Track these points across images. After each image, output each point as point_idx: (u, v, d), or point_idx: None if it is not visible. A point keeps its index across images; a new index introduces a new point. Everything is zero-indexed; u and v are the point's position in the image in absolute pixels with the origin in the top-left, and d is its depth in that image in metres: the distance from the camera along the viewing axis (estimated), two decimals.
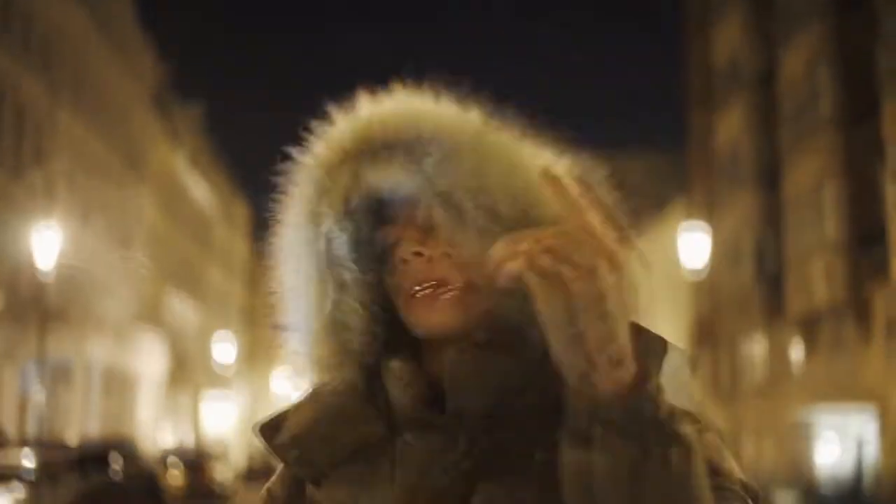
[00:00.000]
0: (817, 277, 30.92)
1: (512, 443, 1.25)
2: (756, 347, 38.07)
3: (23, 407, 39.87)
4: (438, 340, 1.30)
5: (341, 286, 1.34)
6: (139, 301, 54.61)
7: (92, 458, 23.62)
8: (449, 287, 1.29)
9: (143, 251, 54.77)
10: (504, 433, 1.26)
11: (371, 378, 1.34)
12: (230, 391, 65.06)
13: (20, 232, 37.64)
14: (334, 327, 1.35)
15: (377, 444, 1.31)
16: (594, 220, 1.08)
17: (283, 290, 1.41)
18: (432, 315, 1.29)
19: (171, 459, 31.67)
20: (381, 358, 1.34)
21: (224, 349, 64.13)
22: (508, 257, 1.06)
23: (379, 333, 1.34)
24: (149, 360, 50.16)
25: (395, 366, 1.32)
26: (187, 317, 66.57)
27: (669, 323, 49.20)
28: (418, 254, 1.29)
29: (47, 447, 24.20)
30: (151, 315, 56.33)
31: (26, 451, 20.72)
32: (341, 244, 1.34)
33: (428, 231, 1.30)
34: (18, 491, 18.09)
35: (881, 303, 28.46)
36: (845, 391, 30.42)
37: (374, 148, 1.30)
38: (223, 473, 35.44)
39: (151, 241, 56.68)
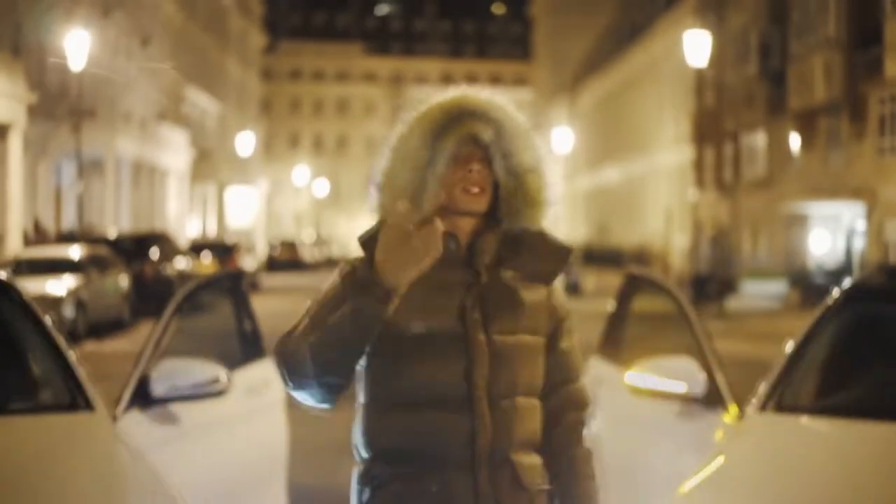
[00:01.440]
0: (817, 75, 31.92)
1: (501, 281, 2.61)
2: (757, 142, 39.29)
3: (58, 201, 41.49)
4: (461, 215, 2.61)
5: (429, 165, 2.54)
6: (161, 96, 55.58)
7: (133, 249, 25.46)
8: (483, 192, 2.57)
9: (162, 46, 55.44)
10: (497, 276, 2.61)
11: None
12: (251, 183, 66.58)
13: (45, 31, 38.44)
14: (414, 187, 2.54)
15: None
16: None
17: (388, 157, 2.62)
18: (474, 202, 2.57)
19: (205, 252, 33.47)
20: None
21: (244, 142, 65.35)
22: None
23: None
24: (174, 154, 51.54)
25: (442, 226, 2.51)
26: (207, 110, 67.60)
27: (676, 117, 50.27)
28: (479, 171, 2.57)
29: (90, 240, 26.01)
30: (173, 109, 57.42)
31: (74, 245, 22.32)
32: (437, 152, 2.55)
33: (485, 162, 2.58)
34: (69, 281, 19.70)
35: (875, 101, 29.66)
36: (838, 185, 31.89)
37: (477, 114, 2.58)
38: (249, 262, 37.34)
39: (169, 36, 57.24)
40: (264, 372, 5.40)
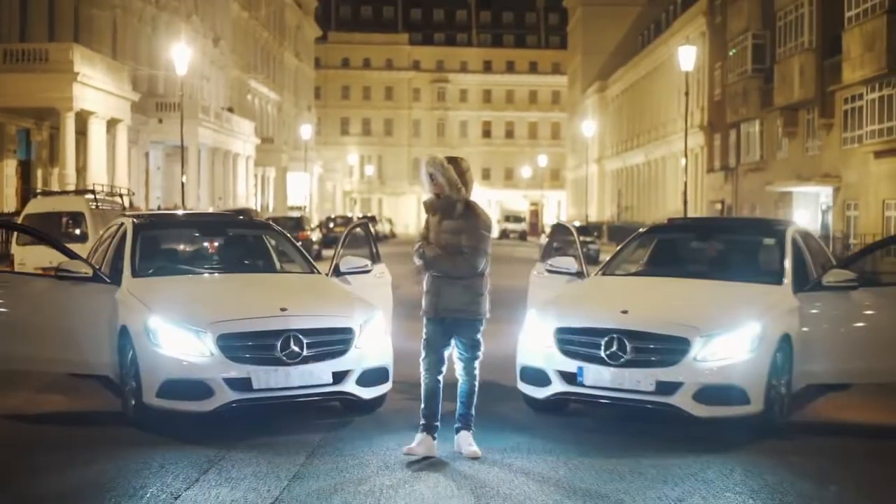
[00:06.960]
0: (795, 75, 37.62)
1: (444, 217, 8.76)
2: (752, 132, 45.13)
3: (147, 182, 47.83)
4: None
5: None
6: (230, 90, 61.84)
7: None
8: (439, 188, 8.55)
9: (230, 44, 61.61)
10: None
11: None
12: (307, 166, 72.62)
13: (136, 42, 44.58)
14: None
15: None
16: None
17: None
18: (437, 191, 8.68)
19: (279, 225, 39.66)
20: None
21: (303, 130, 71.31)
22: None
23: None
24: (242, 141, 57.69)
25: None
26: (268, 99, 73.76)
27: (691, 107, 55.83)
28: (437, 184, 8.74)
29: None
30: (240, 101, 63.68)
31: None
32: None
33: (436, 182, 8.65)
34: None
35: (839, 99, 35.38)
36: (814, 170, 37.75)
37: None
38: (313, 235, 43.62)
39: (236, 34, 63.35)
40: (383, 269, 11.59)
